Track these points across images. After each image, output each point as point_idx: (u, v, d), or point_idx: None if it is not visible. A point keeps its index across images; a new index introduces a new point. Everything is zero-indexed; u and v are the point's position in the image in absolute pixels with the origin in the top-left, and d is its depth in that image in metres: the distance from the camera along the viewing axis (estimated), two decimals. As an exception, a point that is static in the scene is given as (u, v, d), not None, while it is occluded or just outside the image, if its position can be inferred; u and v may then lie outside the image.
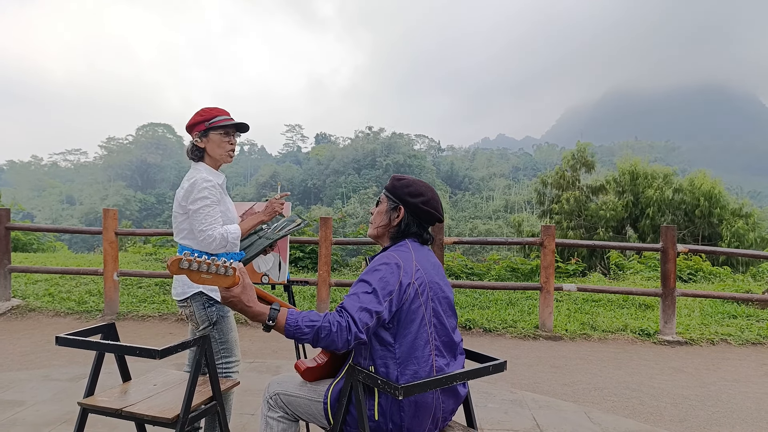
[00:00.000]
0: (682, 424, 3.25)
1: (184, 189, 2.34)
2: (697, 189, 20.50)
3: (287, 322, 1.54)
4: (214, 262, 1.53)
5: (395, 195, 1.85)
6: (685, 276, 9.30)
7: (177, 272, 1.49)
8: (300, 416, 1.85)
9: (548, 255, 5.66)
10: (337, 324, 1.53)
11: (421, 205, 1.82)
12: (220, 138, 2.40)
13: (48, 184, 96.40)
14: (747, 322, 6.03)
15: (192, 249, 2.36)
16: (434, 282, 1.75)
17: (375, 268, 1.67)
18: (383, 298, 1.60)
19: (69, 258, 10.50)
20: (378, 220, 1.88)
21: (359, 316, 1.55)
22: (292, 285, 3.07)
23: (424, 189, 1.86)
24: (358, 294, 1.61)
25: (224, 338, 2.41)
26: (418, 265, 1.72)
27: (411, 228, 1.83)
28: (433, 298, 1.72)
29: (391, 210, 1.85)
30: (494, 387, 3.80)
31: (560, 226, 22.00)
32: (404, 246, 1.80)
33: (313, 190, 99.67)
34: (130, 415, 1.94)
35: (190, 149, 2.43)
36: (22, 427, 2.86)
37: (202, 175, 2.34)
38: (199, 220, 2.27)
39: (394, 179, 1.89)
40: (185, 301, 2.37)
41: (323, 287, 5.76)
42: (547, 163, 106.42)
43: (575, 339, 5.40)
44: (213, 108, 2.42)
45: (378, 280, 1.62)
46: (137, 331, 5.33)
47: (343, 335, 1.52)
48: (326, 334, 1.52)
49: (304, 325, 1.53)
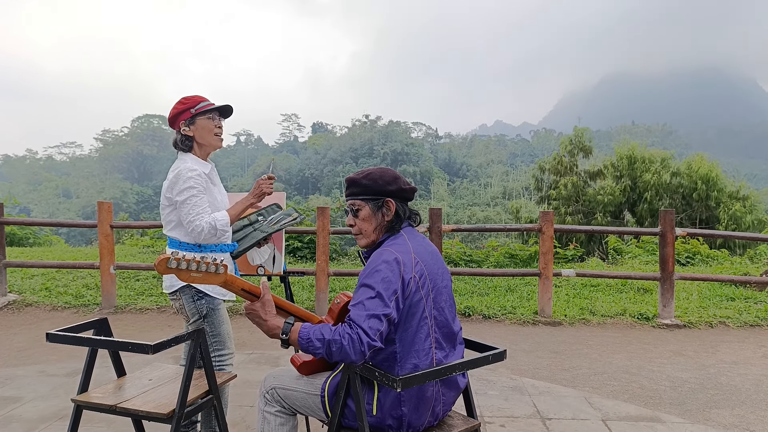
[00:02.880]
0: (682, 407, 3.25)
1: (169, 180, 2.30)
2: (695, 173, 20.48)
3: (300, 336, 1.55)
4: (204, 260, 1.49)
5: (374, 192, 1.75)
6: (683, 259, 9.31)
7: (165, 272, 1.45)
8: (298, 410, 1.82)
9: (547, 241, 5.63)
10: (348, 337, 1.50)
11: (404, 186, 1.78)
12: (208, 122, 2.36)
13: (44, 178, 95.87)
14: (745, 304, 6.04)
15: (180, 241, 2.32)
16: (434, 273, 1.71)
17: (375, 269, 1.61)
18: (389, 298, 1.56)
19: (65, 252, 10.44)
20: (368, 227, 1.77)
21: (369, 325, 1.52)
22: (288, 276, 3.04)
23: (392, 171, 1.81)
24: (363, 302, 1.56)
25: (215, 331, 2.37)
26: (417, 257, 1.67)
27: (407, 212, 1.80)
28: (432, 289, 1.68)
29: (379, 209, 1.76)
30: (494, 374, 3.80)
31: (558, 212, 21.99)
32: (400, 238, 1.74)
33: (311, 179, 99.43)
34: (125, 411, 1.92)
35: (179, 140, 2.37)
36: (18, 424, 2.84)
37: (186, 164, 2.30)
38: (186, 211, 2.23)
39: (359, 179, 1.77)
40: (175, 294, 2.34)
41: (322, 277, 5.74)
42: (544, 148, 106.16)
43: (574, 324, 5.40)
44: (192, 96, 2.39)
45: (380, 282, 1.57)
46: (135, 324, 5.31)
47: (356, 347, 1.50)
48: (338, 348, 1.51)
49: (316, 338, 1.53)
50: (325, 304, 5.73)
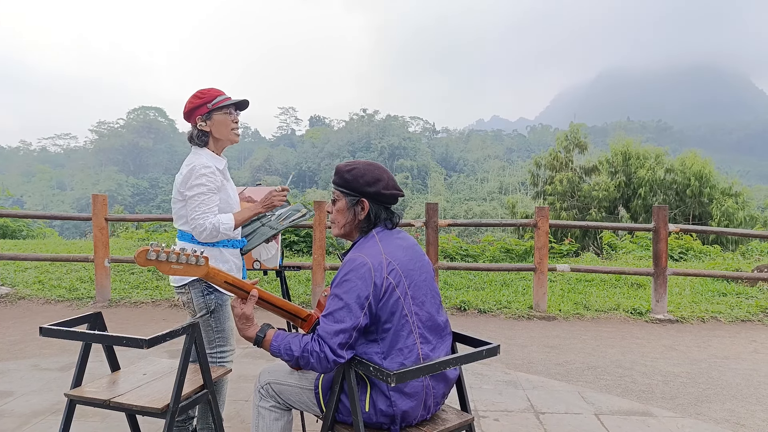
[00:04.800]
0: (673, 402, 3.28)
1: (182, 175, 2.26)
2: (688, 169, 20.61)
3: (271, 349, 1.64)
4: (183, 251, 1.47)
5: (352, 188, 1.71)
6: (676, 255, 9.39)
7: (145, 263, 1.43)
8: (292, 405, 1.82)
9: (542, 236, 5.66)
10: (316, 354, 1.57)
11: (383, 191, 1.71)
12: (225, 117, 2.32)
13: (38, 170, 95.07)
14: (737, 299, 6.10)
15: (192, 235, 2.29)
16: (409, 269, 1.67)
17: (343, 279, 1.60)
18: (360, 307, 1.56)
19: (59, 245, 10.38)
20: (341, 219, 1.75)
21: (336, 342, 1.56)
22: (284, 270, 3.03)
23: (378, 171, 1.74)
24: (333, 313, 1.58)
25: (221, 327, 2.36)
26: (388, 257, 1.64)
27: (380, 215, 1.74)
28: (410, 286, 1.66)
29: (353, 206, 1.73)
30: (488, 368, 3.82)
31: (554, 207, 22.08)
32: (371, 240, 1.70)
33: (308, 173, 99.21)
34: (119, 406, 1.91)
35: (196, 135, 2.32)
36: (10, 418, 2.83)
37: (201, 160, 2.25)
38: (193, 207, 2.20)
39: (343, 171, 1.73)
40: (183, 288, 2.30)
41: (318, 271, 5.74)
42: (540, 144, 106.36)
43: (569, 319, 5.43)
44: (209, 89, 2.33)
45: (348, 292, 1.57)
46: (130, 318, 5.29)
47: (323, 364, 1.57)
48: (305, 363, 1.59)
49: (285, 353, 1.61)
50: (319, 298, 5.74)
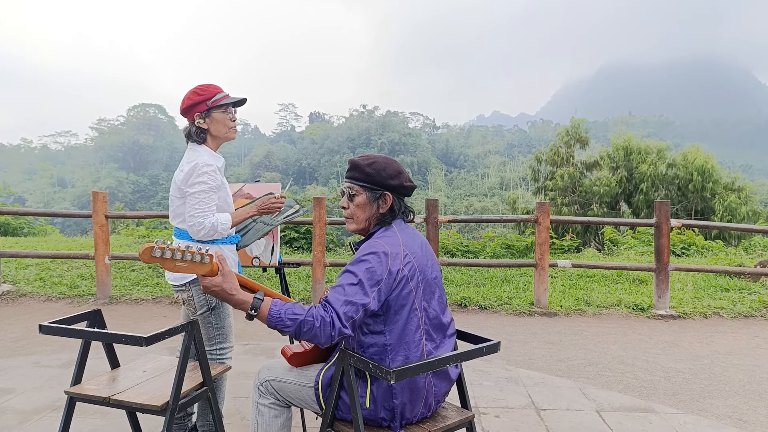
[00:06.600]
0: (676, 398, 3.27)
1: (184, 172, 2.24)
2: (691, 164, 20.53)
3: (270, 313, 1.51)
4: (189, 249, 1.46)
5: (374, 182, 1.72)
6: (679, 250, 9.36)
7: (149, 261, 1.41)
8: (292, 402, 1.81)
9: (543, 232, 5.64)
10: (321, 319, 1.50)
11: (406, 183, 1.75)
12: (224, 116, 2.32)
13: (39, 167, 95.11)
14: (739, 295, 6.08)
15: (189, 233, 2.28)
16: (423, 265, 1.69)
17: (361, 259, 1.60)
18: (370, 288, 1.55)
19: (60, 242, 10.38)
20: (361, 214, 1.74)
21: (344, 311, 1.51)
22: (284, 267, 3.02)
23: (397, 164, 1.76)
24: (344, 286, 1.56)
25: (221, 324, 2.35)
26: (406, 249, 1.65)
27: (401, 209, 1.77)
28: (422, 282, 1.66)
29: (376, 200, 1.73)
30: (489, 365, 3.81)
31: (555, 203, 22.03)
32: (391, 230, 1.71)
33: (308, 169, 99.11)
34: (119, 403, 1.90)
35: (194, 132, 2.31)
36: (11, 415, 2.82)
37: (203, 158, 2.25)
38: (192, 205, 2.19)
39: (363, 165, 1.72)
40: (184, 286, 2.29)
41: (318, 267, 5.73)
42: (541, 139, 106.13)
43: (570, 315, 5.42)
44: (208, 85, 2.31)
45: (364, 271, 1.56)
46: (130, 315, 5.29)
47: (326, 330, 1.50)
48: (309, 328, 1.50)
49: (287, 317, 1.51)
50: (320, 295, 5.72)
